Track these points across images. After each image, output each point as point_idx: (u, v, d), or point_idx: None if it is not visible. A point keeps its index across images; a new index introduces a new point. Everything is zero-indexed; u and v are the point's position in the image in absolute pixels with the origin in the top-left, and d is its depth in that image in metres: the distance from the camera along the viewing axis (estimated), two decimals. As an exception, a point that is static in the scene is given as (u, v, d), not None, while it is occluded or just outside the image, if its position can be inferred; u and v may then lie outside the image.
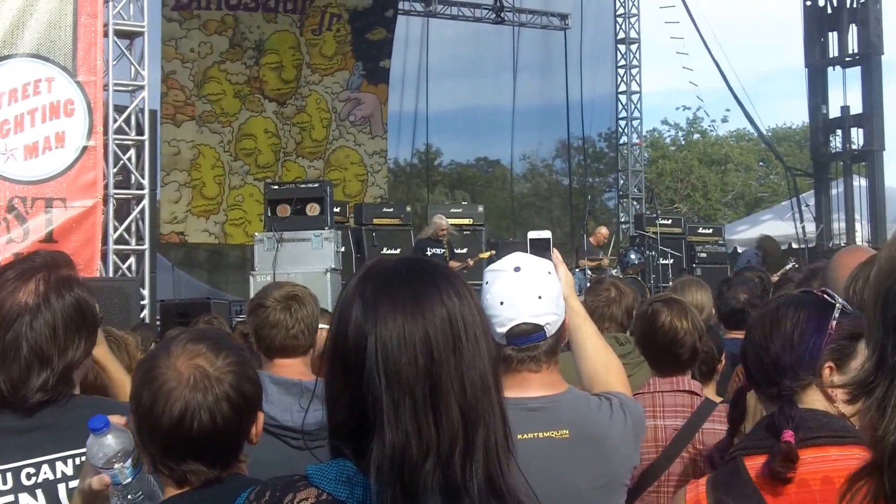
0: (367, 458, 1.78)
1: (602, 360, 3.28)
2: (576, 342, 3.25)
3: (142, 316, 12.41)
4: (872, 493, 1.21)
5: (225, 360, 2.53)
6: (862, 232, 21.71)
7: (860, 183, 21.89)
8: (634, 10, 27.04)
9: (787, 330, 2.56)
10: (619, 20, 27.09)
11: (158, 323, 12.97)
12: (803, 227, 21.90)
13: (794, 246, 22.16)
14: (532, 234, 3.41)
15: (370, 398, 1.78)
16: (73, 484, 2.79)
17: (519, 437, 1.91)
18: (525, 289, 2.93)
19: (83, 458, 2.81)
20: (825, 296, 2.63)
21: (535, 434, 2.85)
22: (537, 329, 2.92)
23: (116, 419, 2.48)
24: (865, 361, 1.25)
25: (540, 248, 3.31)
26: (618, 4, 27.05)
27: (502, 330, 2.89)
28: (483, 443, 1.80)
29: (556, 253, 3.32)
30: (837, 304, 2.58)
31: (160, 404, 2.45)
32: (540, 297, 2.93)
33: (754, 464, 2.47)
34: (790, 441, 2.45)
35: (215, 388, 2.47)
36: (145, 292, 13.12)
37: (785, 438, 2.46)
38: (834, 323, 2.54)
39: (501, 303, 2.91)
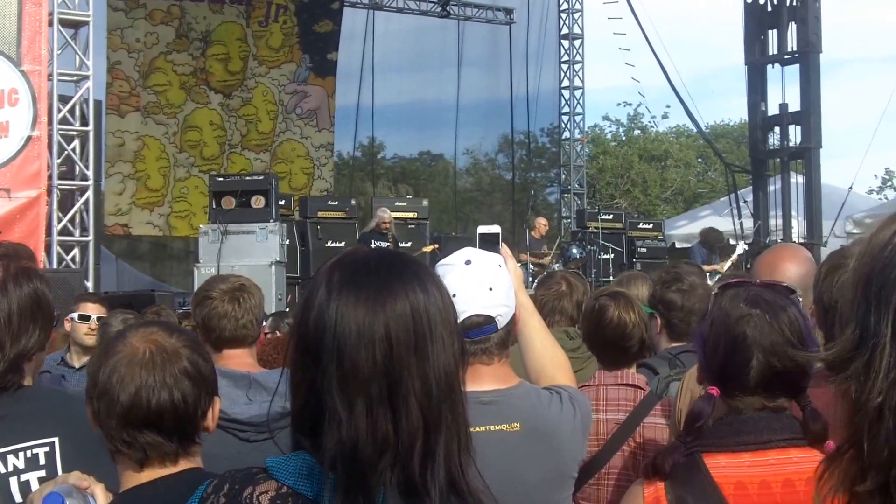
0: (322, 451, 1.76)
1: (549, 355, 3.27)
2: (523, 336, 3.24)
3: (86, 308, 12.33)
4: (849, 468, 1.24)
5: (179, 338, 2.57)
6: (798, 228, 21.91)
7: (797, 180, 22.10)
8: (578, 6, 27.13)
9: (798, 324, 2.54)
10: (563, 16, 27.18)
11: (102, 315, 12.90)
12: (741, 223, 22.12)
13: (732, 242, 22.41)
14: (482, 229, 3.42)
15: (324, 391, 1.75)
16: (25, 477, 2.81)
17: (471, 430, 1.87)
18: (476, 281, 2.92)
19: (35, 451, 2.84)
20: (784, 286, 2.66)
21: (487, 427, 2.84)
22: (489, 321, 2.92)
23: (76, 480, 2.42)
24: (844, 340, 1.28)
25: (489, 243, 3.31)
26: (562, 0, 27.22)
27: None
28: (445, 443, 1.78)
29: (505, 247, 3.32)
30: (798, 293, 2.62)
31: (115, 380, 2.47)
32: (491, 289, 2.93)
33: (715, 462, 2.45)
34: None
35: (172, 363, 2.50)
36: (89, 284, 13.04)
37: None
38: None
39: (454, 295, 2.89)
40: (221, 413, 3.43)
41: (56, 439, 2.88)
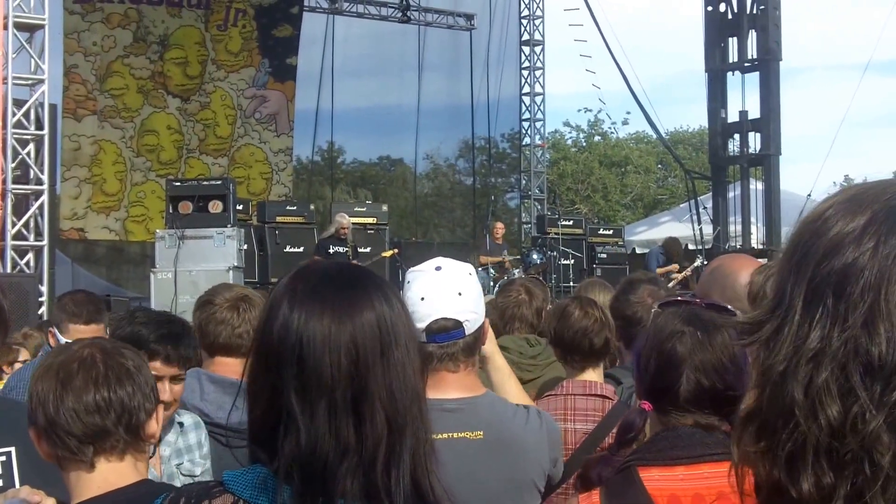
0: (279, 458, 1.76)
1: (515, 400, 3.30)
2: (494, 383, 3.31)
3: (39, 313, 12.22)
4: (751, 432, 1.24)
5: (120, 345, 2.60)
6: (757, 234, 22.11)
7: (756, 186, 22.28)
8: (539, 13, 27.27)
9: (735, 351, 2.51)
10: (524, 22, 27.28)
11: (57, 320, 12.77)
12: (700, 230, 22.21)
13: (692, 247, 22.51)
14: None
15: (286, 396, 1.76)
16: None
17: (433, 436, 1.90)
18: (445, 286, 2.96)
19: None
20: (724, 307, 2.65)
21: (450, 434, 2.86)
22: (457, 325, 2.95)
23: (27, 495, 2.41)
24: (763, 305, 1.29)
25: None
26: (523, 6, 27.24)
27: (422, 325, 2.90)
28: (411, 450, 1.80)
29: (490, 331, 3.29)
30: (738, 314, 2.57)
31: (61, 375, 2.46)
32: (460, 294, 2.96)
33: (649, 475, 2.43)
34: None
35: (115, 359, 2.51)
36: (44, 289, 12.94)
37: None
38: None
39: (422, 298, 2.94)
40: (206, 417, 3.61)
41: (12, 449, 2.86)
